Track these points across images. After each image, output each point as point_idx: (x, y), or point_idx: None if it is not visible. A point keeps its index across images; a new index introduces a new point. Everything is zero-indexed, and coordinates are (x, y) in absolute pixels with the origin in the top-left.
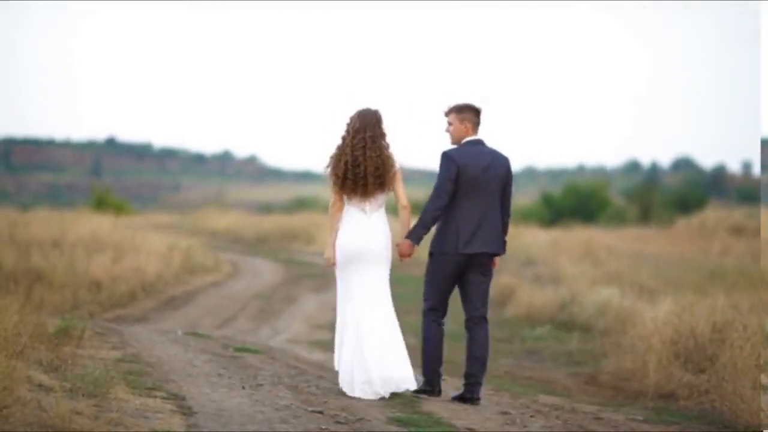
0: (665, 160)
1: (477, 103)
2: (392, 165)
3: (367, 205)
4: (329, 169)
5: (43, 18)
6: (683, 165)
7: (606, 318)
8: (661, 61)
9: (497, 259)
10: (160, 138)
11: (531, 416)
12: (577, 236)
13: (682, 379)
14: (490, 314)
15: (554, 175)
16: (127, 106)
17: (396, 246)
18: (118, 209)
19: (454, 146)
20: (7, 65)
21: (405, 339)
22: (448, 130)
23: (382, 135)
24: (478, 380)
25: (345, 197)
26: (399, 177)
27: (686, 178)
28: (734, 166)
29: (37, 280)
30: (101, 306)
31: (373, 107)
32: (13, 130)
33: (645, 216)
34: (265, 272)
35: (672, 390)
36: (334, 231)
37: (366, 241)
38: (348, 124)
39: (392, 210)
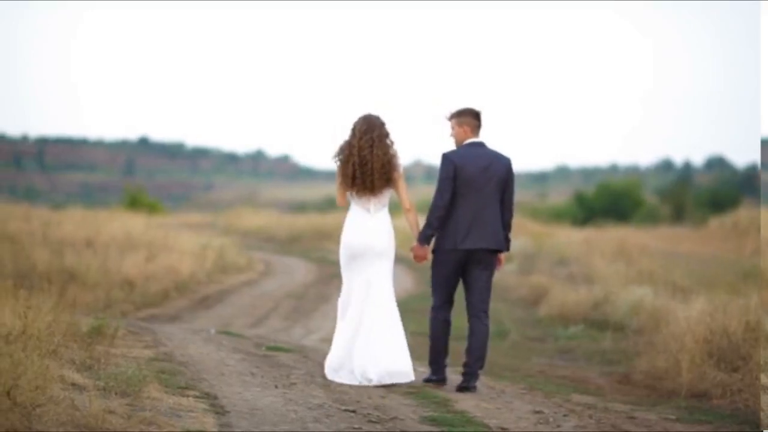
0: (698, 159)
1: (476, 107)
2: (397, 165)
3: (372, 205)
4: (337, 169)
5: (78, 18)
6: (716, 164)
7: (639, 317)
8: (697, 61)
9: (502, 256)
10: (192, 137)
11: (564, 415)
12: (610, 235)
13: (715, 378)
14: (523, 314)
15: (587, 174)
16: (159, 106)
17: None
18: (151, 209)
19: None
20: (42, 65)
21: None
22: (451, 134)
23: (387, 134)
24: (474, 371)
25: (351, 197)
26: (402, 179)
27: (719, 177)
28: None
29: (70, 279)
30: (134, 305)
31: (375, 113)
32: (46, 130)
33: (678, 215)
34: (297, 271)
35: (705, 389)
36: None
37: (369, 240)
38: (353, 129)
39: (395, 208)
